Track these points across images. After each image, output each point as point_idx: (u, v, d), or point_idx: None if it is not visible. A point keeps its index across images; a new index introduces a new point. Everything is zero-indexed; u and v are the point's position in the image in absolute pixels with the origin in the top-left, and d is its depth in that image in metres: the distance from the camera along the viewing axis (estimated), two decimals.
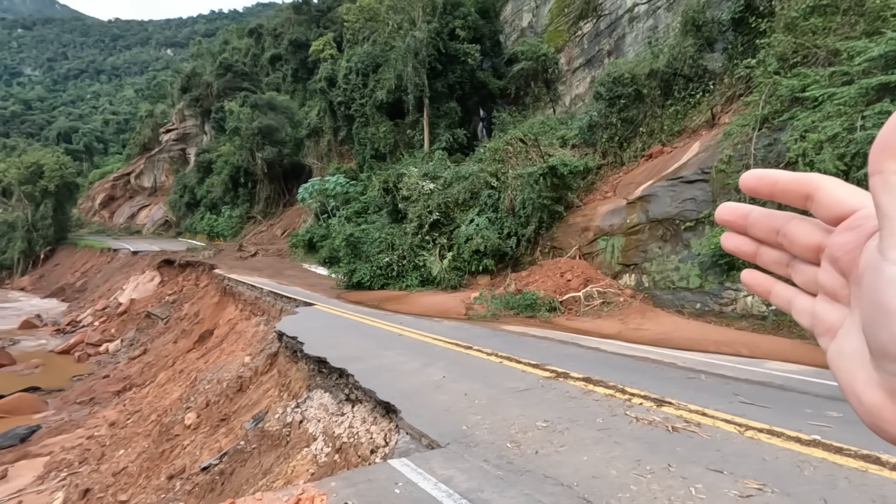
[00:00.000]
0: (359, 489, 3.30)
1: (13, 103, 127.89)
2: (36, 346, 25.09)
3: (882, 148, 0.35)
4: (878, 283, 0.35)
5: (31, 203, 49.79)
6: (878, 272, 0.36)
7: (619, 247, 13.01)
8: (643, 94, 15.45)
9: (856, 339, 0.39)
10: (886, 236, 0.35)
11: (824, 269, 0.44)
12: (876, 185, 0.36)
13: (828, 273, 0.43)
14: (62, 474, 11.40)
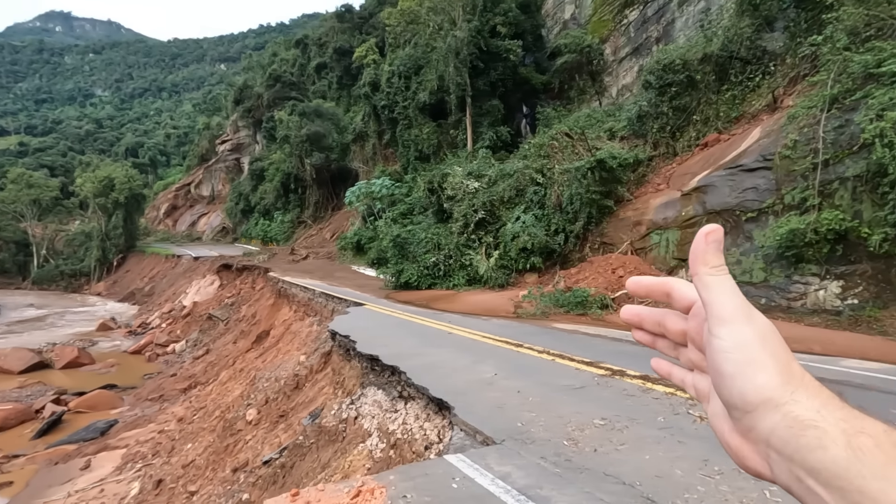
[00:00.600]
0: (416, 483, 3.33)
1: (87, 122, 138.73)
2: (111, 347, 27.02)
3: (694, 257, 0.50)
4: (712, 353, 0.48)
5: (105, 214, 53.79)
6: (711, 346, 0.49)
7: (675, 241, 12.49)
8: (696, 80, 14.76)
9: (717, 399, 0.50)
10: (709, 318, 0.49)
11: (690, 349, 0.56)
12: (696, 283, 0.51)
13: (692, 352, 0.56)
14: (137, 465, 12.20)
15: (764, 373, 0.45)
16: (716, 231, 0.51)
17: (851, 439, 0.40)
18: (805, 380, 0.46)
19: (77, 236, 58.51)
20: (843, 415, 0.43)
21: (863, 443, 0.40)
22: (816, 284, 9.53)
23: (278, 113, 45.77)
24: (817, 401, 0.44)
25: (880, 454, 0.39)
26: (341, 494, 3.08)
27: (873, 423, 0.42)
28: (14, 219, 58.26)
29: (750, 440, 0.47)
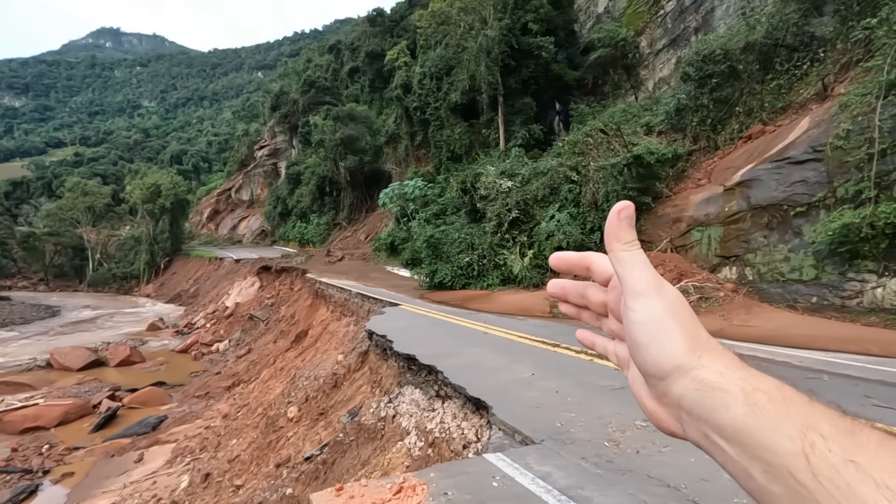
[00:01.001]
0: (457, 480, 3.36)
1: (135, 132, 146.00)
2: (160, 346, 28.32)
3: (608, 234, 0.54)
4: (629, 325, 0.52)
5: (152, 219, 56.46)
6: (627, 318, 0.52)
7: (717, 238, 12.06)
8: (738, 70, 14.19)
9: (635, 367, 0.54)
10: (624, 292, 0.53)
11: (610, 320, 0.60)
12: (611, 259, 0.54)
13: (612, 322, 0.59)
14: (186, 459, 12.74)
15: (674, 341, 0.49)
16: (627, 208, 0.54)
17: (749, 397, 0.43)
18: (710, 344, 0.49)
19: (127, 240, 61.67)
20: (742, 374, 0.46)
21: (759, 399, 0.43)
22: (874, 282, 9.00)
23: (313, 118, 46.89)
24: (720, 364, 0.47)
25: (773, 408, 0.42)
26: (384, 490, 3.14)
27: (768, 381, 0.45)
28: (71, 225, 61.95)
29: (664, 404, 0.50)
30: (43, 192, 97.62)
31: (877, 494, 0.35)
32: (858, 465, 0.37)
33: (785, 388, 0.44)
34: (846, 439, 0.39)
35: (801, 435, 0.40)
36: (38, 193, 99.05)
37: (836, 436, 0.39)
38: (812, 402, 0.43)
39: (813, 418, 0.41)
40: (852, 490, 0.36)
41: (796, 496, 0.38)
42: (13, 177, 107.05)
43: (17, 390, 18.19)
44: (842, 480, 0.36)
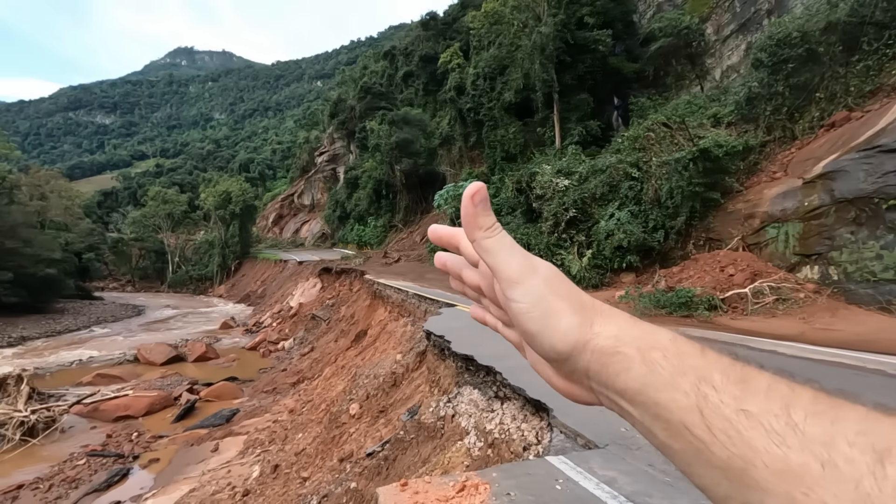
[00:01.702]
0: (520, 482, 3.35)
1: (208, 143, 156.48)
2: (231, 344, 30.11)
3: (467, 222, 0.50)
4: (515, 316, 0.50)
5: (223, 224, 60.26)
6: (510, 309, 0.50)
7: (796, 234, 11.20)
8: (818, 53, 13.12)
9: (532, 350, 0.52)
10: (500, 282, 0.50)
11: (490, 304, 0.57)
12: (476, 250, 0.51)
13: (493, 308, 0.57)
14: (257, 451, 13.46)
15: (563, 320, 0.47)
16: (480, 190, 0.50)
17: (645, 355, 0.43)
18: (598, 308, 0.48)
19: (202, 244, 66.17)
20: (637, 333, 0.45)
21: (654, 357, 0.42)
22: None
23: (369, 123, 48.19)
24: (614, 326, 0.46)
25: (668, 365, 0.42)
26: (447, 487, 3.19)
27: (663, 335, 0.45)
28: (153, 230, 67.40)
29: (574, 381, 0.49)
30: (129, 201, 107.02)
31: (766, 441, 0.35)
32: (748, 412, 0.37)
33: (679, 340, 0.44)
34: (737, 388, 0.38)
35: (695, 389, 0.40)
36: (126, 202, 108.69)
37: (728, 385, 0.39)
38: (705, 353, 0.42)
39: (706, 370, 0.41)
40: (743, 439, 0.36)
41: (694, 451, 0.38)
42: (104, 188, 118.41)
43: (111, 382, 20.00)
44: (733, 430, 0.36)
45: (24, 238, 39.76)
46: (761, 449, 0.35)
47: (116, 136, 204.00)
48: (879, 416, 0.34)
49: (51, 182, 61.03)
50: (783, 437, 0.35)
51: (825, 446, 0.33)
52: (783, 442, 0.34)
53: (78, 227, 61.78)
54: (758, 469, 0.35)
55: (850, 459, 0.32)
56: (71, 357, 25.98)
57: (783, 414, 0.36)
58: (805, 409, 0.36)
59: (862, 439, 0.33)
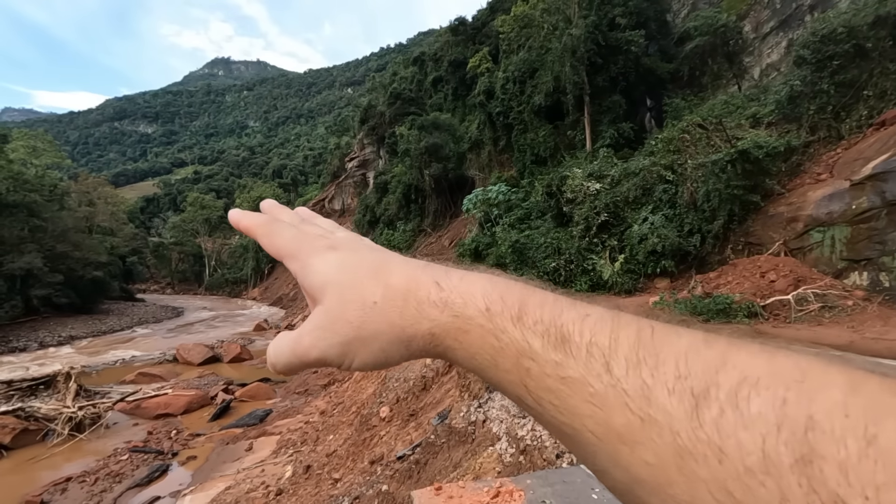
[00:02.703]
0: (555, 489, 3.29)
1: (243, 150, 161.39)
2: (265, 345, 30.20)
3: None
4: None
5: None
6: None
7: (843, 238, 10.69)
8: (866, 48, 12.53)
9: None
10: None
11: None
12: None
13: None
14: (289, 451, 13.71)
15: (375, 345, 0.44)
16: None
17: (461, 339, 0.42)
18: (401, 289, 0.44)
19: (237, 249, 68.21)
20: (450, 314, 0.42)
21: (471, 341, 0.41)
22: None
23: (399, 128, 48.70)
24: (436, 312, 0.43)
25: (486, 346, 0.40)
26: (481, 493, 3.17)
27: (473, 307, 0.41)
28: (192, 235, 69.92)
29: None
30: (170, 207, 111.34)
31: (588, 406, 0.33)
32: (569, 379, 0.34)
33: (494, 307, 0.40)
34: (558, 353, 0.36)
35: (516, 365, 0.37)
36: (166, 208, 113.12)
37: (548, 352, 0.36)
38: (522, 317, 0.38)
39: (524, 340, 0.37)
40: (568, 406, 0.34)
41: (539, 420, 0.37)
42: (146, 194, 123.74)
43: (152, 380, 20.78)
44: (557, 400, 0.35)
45: (74, 242, 41.88)
46: (586, 414, 0.33)
47: (158, 144, 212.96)
48: (700, 350, 0.31)
49: (98, 189, 64.15)
50: (604, 398, 0.32)
51: (645, 399, 0.31)
52: (604, 403, 0.32)
53: (122, 232, 64.71)
54: (585, 435, 0.33)
55: (667, 411, 0.30)
56: (115, 356, 27.17)
57: (604, 372, 0.33)
58: (627, 359, 0.33)
59: (681, 384, 0.30)
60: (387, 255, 0.48)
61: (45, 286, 36.97)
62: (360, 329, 0.42)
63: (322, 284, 0.45)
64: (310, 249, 0.48)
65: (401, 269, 0.44)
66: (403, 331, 0.42)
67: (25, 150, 45.56)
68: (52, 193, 44.23)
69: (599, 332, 0.35)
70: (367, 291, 0.43)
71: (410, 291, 0.42)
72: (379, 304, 0.42)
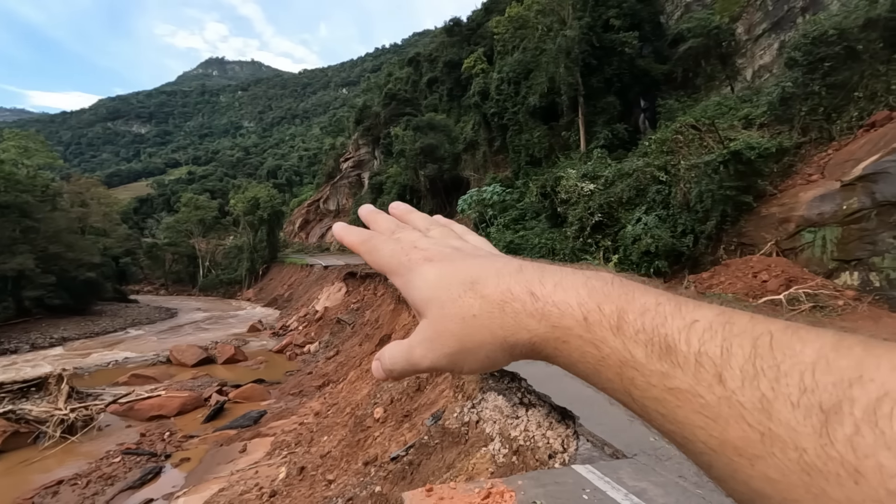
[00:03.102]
0: (547, 490, 3.30)
1: (237, 151, 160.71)
2: (259, 346, 30.69)
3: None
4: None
5: (252, 230, 61.68)
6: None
7: (834, 239, 10.78)
8: (857, 50, 12.66)
9: None
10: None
11: None
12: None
13: None
14: (283, 453, 13.66)
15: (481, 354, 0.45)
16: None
17: (561, 349, 0.42)
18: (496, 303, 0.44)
19: (231, 249, 67.83)
20: (546, 329, 0.42)
21: (570, 349, 0.41)
22: None
23: (394, 129, 48.63)
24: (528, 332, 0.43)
25: (587, 355, 0.40)
26: (472, 494, 3.18)
27: (574, 315, 0.41)
28: (186, 236, 69.49)
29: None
30: (163, 207, 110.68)
31: (700, 417, 0.32)
32: (677, 390, 0.33)
33: (592, 317, 0.39)
34: (663, 363, 0.35)
35: (619, 375, 0.37)
36: (160, 208, 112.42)
37: (653, 362, 0.35)
38: (622, 327, 0.37)
39: (625, 350, 0.37)
40: (677, 417, 0.33)
41: (648, 424, 0.37)
42: (140, 194, 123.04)
43: (145, 382, 20.64)
44: (665, 410, 0.34)
45: (67, 243, 41.55)
46: (697, 425, 0.32)
47: (151, 144, 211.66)
48: (830, 360, 0.29)
49: (91, 189, 63.64)
50: (716, 410, 0.31)
51: (764, 413, 0.29)
52: (717, 415, 0.31)
53: (116, 233, 64.24)
54: (698, 444, 0.32)
55: (791, 426, 0.28)
56: (108, 357, 26.96)
57: (716, 383, 0.32)
58: (742, 371, 0.31)
59: (807, 398, 0.28)
60: (481, 263, 0.48)
61: (37, 287, 36.66)
62: (465, 341, 0.44)
63: (423, 300, 0.47)
64: (408, 264, 0.50)
65: (495, 280, 0.45)
66: (505, 340, 0.43)
67: (17, 151, 45.12)
68: (45, 194, 43.87)
69: (709, 340, 0.34)
70: (466, 305, 0.44)
71: (506, 302, 0.43)
72: (478, 316, 0.43)
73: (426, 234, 0.57)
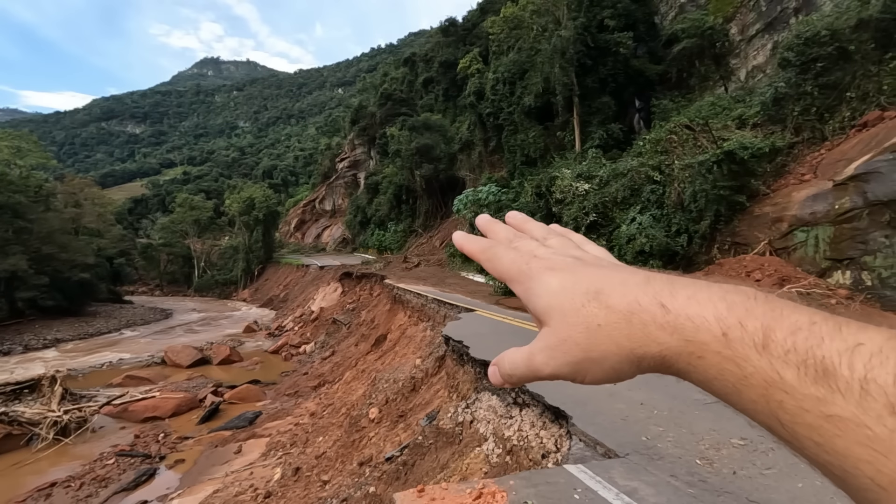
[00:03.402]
0: (538, 490, 3.31)
1: (233, 151, 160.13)
2: (255, 347, 30.61)
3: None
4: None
5: (247, 230, 61.48)
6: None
7: (826, 238, 10.85)
8: (849, 51, 12.73)
9: None
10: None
11: None
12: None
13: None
14: (279, 453, 13.62)
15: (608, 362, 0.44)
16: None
17: (696, 364, 0.40)
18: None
19: (227, 250, 67.60)
20: (680, 343, 0.40)
21: (707, 365, 0.39)
22: None
23: (390, 129, 48.60)
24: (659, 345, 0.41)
25: (727, 372, 0.38)
26: (463, 495, 3.18)
27: (712, 329, 0.38)
28: (181, 236, 69.19)
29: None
30: (158, 208, 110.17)
31: (867, 450, 0.29)
32: (838, 418, 0.31)
33: (732, 331, 0.36)
34: (819, 388, 0.32)
35: (764, 397, 0.34)
36: (155, 209, 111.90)
37: (807, 386, 0.33)
38: (769, 343, 0.35)
39: (772, 370, 0.34)
40: (836, 448, 0.31)
41: (796, 452, 0.34)
42: (134, 195, 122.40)
43: (139, 383, 20.53)
44: (820, 438, 0.32)
45: (60, 244, 41.28)
46: (862, 458, 0.29)
47: (146, 144, 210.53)
48: None
49: (84, 190, 63.25)
50: (888, 444, 0.28)
51: None
52: (890, 450, 0.28)
53: (110, 234, 63.87)
54: (862, 480, 0.30)
55: None
56: (102, 359, 26.81)
57: (888, 415, 0.29)
58: None
59: None
60: (603, 273, 0.46)
61: (30, 288, 36.42)
62: (589, 351, 0.43)
63: (546, 309, 0.46)
64: (529, 273, 0.50)
65: (620, 290, 0.43)
66: (633, 352, 0.41)
67: (9, 151, 44.81)
68: (38, 195, 43.56)
69: (878, 367, 0.30)
70: (590, 315, 0.43)
71: (634, 314, 0.41)
72: (603, 326, 0.42)
73: (543, 243, 0.56)
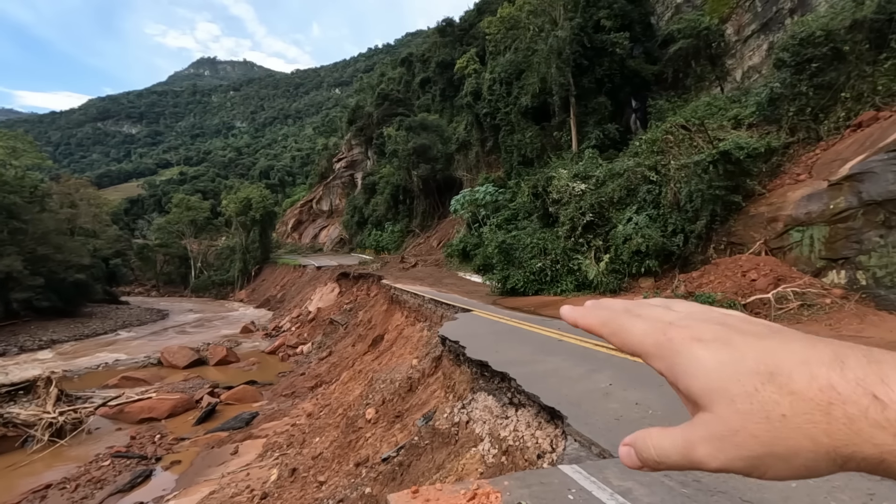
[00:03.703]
0: (532, 490, 3.31)
1: (229, 151, 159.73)
2: (251, 348, 30.55)
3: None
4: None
5: (244, 230, 61.36)
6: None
7: (821, 238, 10.89)
8: (844, 51, 12.79)
9: None
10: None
11: None
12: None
13: None
14: (275, 454, 13.59)
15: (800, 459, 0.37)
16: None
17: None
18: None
19: (224, 250, 67.48)
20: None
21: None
22: None
23: (387, 129, 48.60)
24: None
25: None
26: (458, 495, 3.18)
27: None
28: (177, 237, 69.01)
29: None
30: (154, 208, 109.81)
31: None
32: None
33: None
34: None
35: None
36: (151, 209, 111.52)
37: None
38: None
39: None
40: None
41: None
42: (131, 195, 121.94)
43: (135, 384, 20.47)
44: None
45: (56, 244, 41.11)
46: None
47: (142, 145, 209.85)
48: None
49: (80, 190, 62.99)
50: None
51: None
52: None
53: (106, 234, 63.60)
54: None
55: None
56: (98, 360, 26.70)
57: None
58: None
59: None
60: (771, 347, 0.39)
61: (25, 289, 36.24)
62: (772, 446, 0.36)
63: (704, 391, 0.39)
64: (670, 346, 0.42)
65: (802, 371, 0.36)
66: (835, 450, 0.35)
67: (5, 151, 44.60)
68: (33, 195, 43.38)
69: None
70: (768, 402, 0.36)
71: (833, 405, 0.35)
72: (789, 417, 0.35)
73: (670, 308, 0.48)
